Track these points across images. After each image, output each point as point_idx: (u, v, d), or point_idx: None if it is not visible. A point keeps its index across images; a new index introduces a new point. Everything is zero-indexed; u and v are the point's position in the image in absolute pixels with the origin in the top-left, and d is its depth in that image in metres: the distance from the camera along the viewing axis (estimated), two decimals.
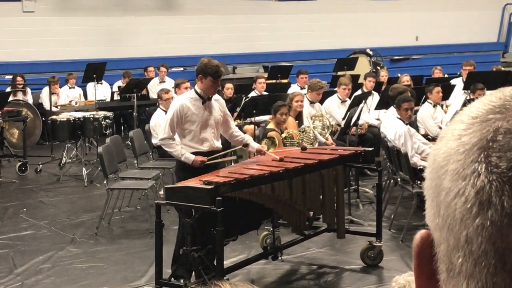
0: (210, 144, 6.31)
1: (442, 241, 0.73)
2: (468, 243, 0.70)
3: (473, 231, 0.70)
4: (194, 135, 6.28)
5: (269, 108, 8.75)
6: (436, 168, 0.74)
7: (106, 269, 6.76)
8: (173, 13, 16.66)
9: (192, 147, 6.28)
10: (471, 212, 0.70)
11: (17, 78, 13.31)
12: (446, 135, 0.75)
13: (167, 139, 6.28)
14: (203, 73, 6.22)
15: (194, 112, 6.25)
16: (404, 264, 6.69)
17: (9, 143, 11.85)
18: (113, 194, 8.23)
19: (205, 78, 6.21)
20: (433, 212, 0.75)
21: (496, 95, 0.75)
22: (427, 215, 0.77)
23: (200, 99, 6.28)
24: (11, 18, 14.93)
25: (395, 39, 18.78)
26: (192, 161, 6.16)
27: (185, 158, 6.21)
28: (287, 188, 5.97)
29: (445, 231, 0.72)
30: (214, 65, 6.25)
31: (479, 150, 0.70)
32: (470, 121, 0.73)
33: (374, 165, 7.25)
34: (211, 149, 6.33)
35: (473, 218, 0.69)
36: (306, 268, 6.76)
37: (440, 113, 10.37)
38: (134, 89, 12.15)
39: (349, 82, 10.88)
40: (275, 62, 16.45)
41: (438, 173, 0.74)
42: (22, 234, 7.91)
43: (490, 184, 0.69)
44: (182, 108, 6.24)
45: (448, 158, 0.73)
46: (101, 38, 15.75)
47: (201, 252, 5.52)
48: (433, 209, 0.75)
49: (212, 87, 6.29)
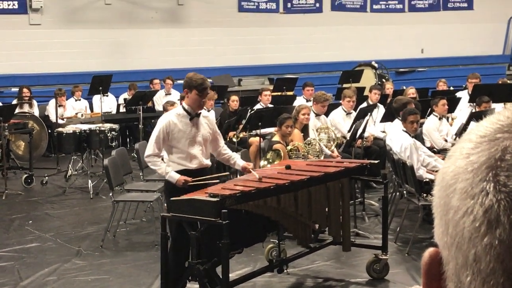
0: (199, 162, 6.19)
1: (451, 259, 0.73)
2: (476, 262, 0.70)
3: (481, 250, 0.70)
4: (182, 152, 6.15)
5: (274, 120, 8.75)
6: (444, 186, 0.75)
7: (112, 281, 6.75)
8: (179, 26, 16.72)
9: (180, 164, 6.16)
10: (479, 231, 0.70)
11: (23, 90, 13.37)
12: (455, 154, 0.76)
13: (152, 156, 6.13)
14: (188, 87, 6.13)
15: (180, 129, 6.13)
16: (410, 278, 6.67)
17: (15, 155, 11.88)
18: (119, 207, 8.23)
19: (190, 92, 6.11)
20: (442, 230, 0.75)
21: (504, 114, 0.75)
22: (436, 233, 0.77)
23: (188, 115, 6.17)
24: (17, 31, 15.01)
25: (400, 51, 18.81)
26: (176, 181, 6.03)
27: (169, 176, 6.07)
28: (292, 200, 5.96)
29: (453, 250, 0.73)
30: (199, 78, 6.15)
31: (487, 169, 0.71)
32: (478, 140, 0.74)
33: (380, 178, 7.24)
34: (200, 166, 6.21)
35: (482, 237, 0.70)
36: (312, 281, 6.74)
37: (446, 125, 10.35)
38: (140, 101, 12.17)
39: (353, 94, 10.88)
40: (281, 74, 16.48)
41: (447, 191, 0.74)
42: (28, 246, 7.91)
43: (499, 203, 0.69)
44: (168, 124, 6.12)
45: (456, 177, 0.73)
46: (107, 50, 15.82)
47: (206, 265, 5.51)
48: (441, 227, 0.75)
49: (198, 101, 6.15)
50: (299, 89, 13.82)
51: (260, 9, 17.73)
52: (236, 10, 17.47)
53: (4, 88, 14.33)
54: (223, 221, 5.12)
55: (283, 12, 18.03)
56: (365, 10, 19.02)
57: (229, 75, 16.31)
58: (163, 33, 16.48)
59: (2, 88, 14.20)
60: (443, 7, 19.90)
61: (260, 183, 5.80)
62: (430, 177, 7.89)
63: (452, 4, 20.00)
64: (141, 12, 16.37)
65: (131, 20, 16.21)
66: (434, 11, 19.77)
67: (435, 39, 19.27)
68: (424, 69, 19.05)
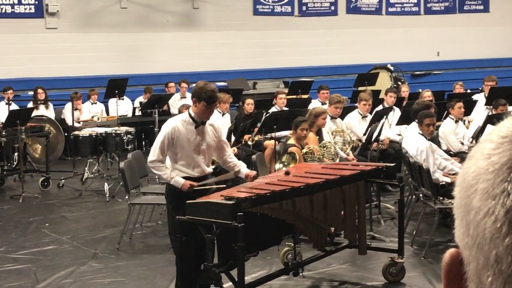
0: (201, 170, 6.15)
1: (472, 260, 0.73)
2: (497, 263, 0.70)
3: (502, 251, 0.70)
4: (185, 160, 6.10)
5: (289, 123, 8.75)
6: (465, 187, 0.75)
7: (128, 284, 6.77)
8: (194, 29, 16.76)
9: (183, 172, 6.10)
10: (500, 232, 0.70)
11: (38, 90, 13.47)
12: (476, 154, 0.75)
13: (156, 162, 6.07)
14: (197, 97, 6.01)
15: (185, 136, 6.06)
16: (426, 281, 6.64)
17: (32, 158, 11.95)
18: (135, 209, 8.26)
19: (199, 103, 6.00)
20: (463, 231, 0.75)
21: None
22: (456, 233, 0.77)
23: (194, 123, 6.09)
24: (34, 35, 15.11)
25: (416, 54, 18.74)
26: (181, 185, 5.99)
27: (174, 181, 6.02)
28: (308, 203, 5.95)
29: (474, 250, 0.73)
30: (210, 89, 6.00)
31: (508, 170, 0.70)
32: (499, 141, 0.73)
33: (396, 181, 7.22)
34: (202, 174, 6.17)
35: (503, 238, 0.69)
36: (328, 284, 6.73)
37: (462, 128, 10.31)
38: (156, 104, 12.20)
39: (369, 97, 10.85)
40: (296, 77, 16.47)
41: (468, 192, 0.74)
42: (45, 249, 7.95)
43: None
44: (173, 131, 6.05)
45: (477, 177, 0.73)
46: (123, 54, 15.88)
47: (222, 268, 5.51)
48: (462, 228, 0.75)
49: (205, 112, 6.07)
50: (314, 92, 13.81)
51: (275, 12, 17.73)
52: (251, 14, 17.48)
53: (21, 92, 14.41)
54: (239, 224, 5.12)
55: (298, 15, 18.02)
56: (381, 12, 18.97)
57: (244, 79, 16.33)
58: (179, 36, 16.52)
59: (19, 91, 14.28)
60: (459, 10, 19.82)
61: (275, 186, 5.79)
62: (446, 180, 7.86)
63: (468, 6, 19.90)
64: (156, 16, 16.43)
65: (147, 24, 16.27)
66: (450, 13, 19.69)
67: (451, 41, 19.19)
68: (440, 72, 18.97)
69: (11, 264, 7.40)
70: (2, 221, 9.20)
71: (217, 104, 6.42)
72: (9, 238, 8.41)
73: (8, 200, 10.52)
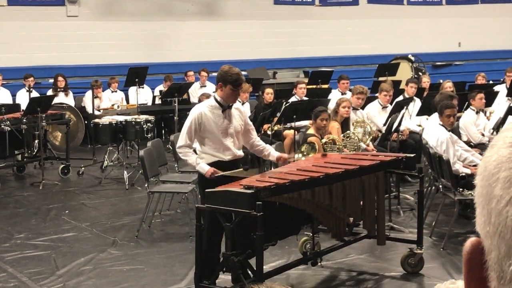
0: (232, 153, 6.17)
1: (493, 248, 0.73)
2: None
3: None
4: (215, 144, 6.14)
5: (309, 113, 8.73)
6: (487, 175, 0.74)
7: (147, 271, 6.81)
8: (215, 18, 16.75)
9: (213, 156, 6.13)
10: None
11: (58, 78, 13.58)
12: (498, 143, 0.75)
13: (183, 147, 6.12)
14: (223, 81, 6.04)
15: (213, 120, 6.09)
16: (445, 272, 6.62)
17: (52, 145, 12.02)
18: (154, 198, 8.29)
19: (225, 86, 6.03)
20: (484, 220, 0.74)
21: None
22: (477, 222, 0.76)
23: (220, 107, 6.11)
24: (55, 23, 15.17)
25: (437, 45, 18.62)
26: (205, 172, 6.02)
27: (199, 167, 6.07)
28: (327, 193, 5.94)
29: (496, 239, 0.72)
30: (235, 73, 6.03)
31: None
32: None
33: (416, 172, 7.19)
34: (234, 157, 6.19)
35: None
36: (346, 274, 6.73)
37: (483, 120, 10.23)
38: (176, 93, 12.23)
39: (390, 88, 10.80)
40: (316, 67, 16.43)
41: (489, 180, 0.73)
42: (64, 236, 8.01)
43: None
44: (200, 116, 6.08)
45: (499, 166, 0.72)
46: (143, 42, 15.92)
47: (240, 257, 5.52)
48: (483, 216, 0.74)
49: (232, 96, 6.11)
50: (334, 82, 13.77)
51: (296, 1, 17.68)
52: (272, 3, 17.45)
53: (41, 79, 14.49)
54: (258, 213, 5.13)
55: (319, 4, 17.96)
56: (402, 2, 18.86)
57: (264, 68, 16.31)
58: (199, 25, 16.52)
59: (40, 79, 14.36)
60: (481, 0, 19.65)
61: (294, 176, 5.79)
62: (466, 171, 7.82)
63: None
64: (177, 4, 16.44)
65: (168, 12, 16.28)
66: (472, 4, 19.53)
67: (473, 32, 19.04)
68: (461, 62, 18.84)
69: (31, 251, 7.46)
70: (22, 208, 9.27)
71: (242, 87, 6.40)
72: (29, 224, 8.48)
73: (28, 187, 10.60)
